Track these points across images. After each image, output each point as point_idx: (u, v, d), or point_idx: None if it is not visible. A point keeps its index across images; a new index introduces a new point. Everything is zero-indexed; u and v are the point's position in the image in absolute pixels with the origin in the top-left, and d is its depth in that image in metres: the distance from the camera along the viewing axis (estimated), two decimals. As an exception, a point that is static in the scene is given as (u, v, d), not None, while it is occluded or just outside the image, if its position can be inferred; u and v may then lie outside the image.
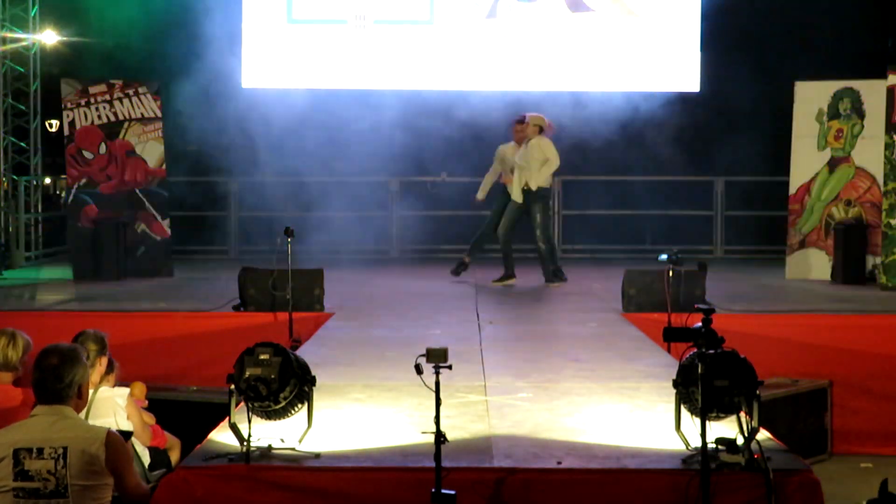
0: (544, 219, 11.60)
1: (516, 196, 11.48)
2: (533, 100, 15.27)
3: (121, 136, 12.70)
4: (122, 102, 12.70)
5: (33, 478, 4.11)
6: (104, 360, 5.97)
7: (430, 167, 15.64)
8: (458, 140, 15.15)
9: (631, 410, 5.96)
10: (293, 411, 5.00)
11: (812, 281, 12.22)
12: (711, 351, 4.61)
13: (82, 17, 15.89)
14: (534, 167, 11.40)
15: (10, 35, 15.18)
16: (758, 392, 4.78)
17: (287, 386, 4.87)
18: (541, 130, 11.55)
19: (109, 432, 4.21)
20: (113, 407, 5.69)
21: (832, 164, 12.47)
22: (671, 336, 4.80)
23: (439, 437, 4.50)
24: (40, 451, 4.12)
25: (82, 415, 5.35)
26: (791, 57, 15.03)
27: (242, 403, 5.00)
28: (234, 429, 4.92)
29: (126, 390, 5.93)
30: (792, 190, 12.65)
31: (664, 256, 8.78)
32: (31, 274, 13.49)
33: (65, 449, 4.12)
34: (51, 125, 19.36)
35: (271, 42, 15.54)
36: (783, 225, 13.10)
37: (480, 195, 12.30)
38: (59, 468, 4.10)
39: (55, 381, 4.21)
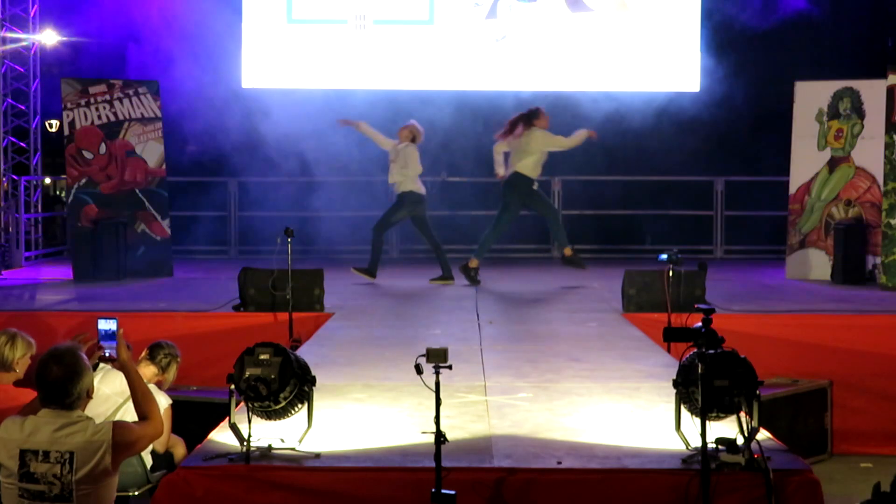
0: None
1: None
2: (533, 99, 15.31)
3: (121, 136, 12.69)
4: (122, 102, 12.69)
5: (38, 480, 4.08)
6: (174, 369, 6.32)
7: (430, 167, 15.61)
8: (458, 139, 15.17)
9: (631, 410, 5.96)
10: (293, 411, 5.01)
11: (812, 281, 12.21)
12: (711, 351, 4.62)
13: (82, 16, 15.90)
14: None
15: (10, 35, 15.17)
16: (758, 392, 4.79)
17: (287, 386, 4.88)
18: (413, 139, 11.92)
19: (114, 429, 4.16)
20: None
21: (832, 164, 12.46)
22: (671, 336, 4.80)
23: (439, 437, 4.50)
24: (46, 454, 4.09)
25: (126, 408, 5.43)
26: (791, 57, 15.03)
27: (242, 403, 5.00)
28: (234, 429, 4.92)
29: (168, 400, 6.01)
30: (792, 190, 12.64)
31: (664, 256, 8.78)
32: (31, 274, 13.48)
33: (71, 454, 4.09)
34: (51, 125, 19.33)
35: (271, 42, 15.53)
36: (783, 225, 13.10)
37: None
38: (65, 473, 4.07)
39: (63, 395, 4.15)
